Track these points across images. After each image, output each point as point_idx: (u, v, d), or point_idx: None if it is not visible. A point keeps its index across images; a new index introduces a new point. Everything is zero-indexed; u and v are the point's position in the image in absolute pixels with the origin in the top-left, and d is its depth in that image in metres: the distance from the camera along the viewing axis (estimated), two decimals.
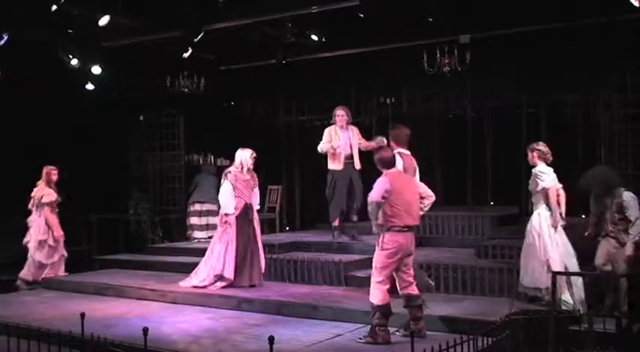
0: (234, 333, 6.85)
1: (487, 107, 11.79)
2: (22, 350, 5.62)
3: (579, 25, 9.80)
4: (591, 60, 10.11)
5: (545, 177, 7.09)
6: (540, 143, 7.34)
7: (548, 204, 7.10)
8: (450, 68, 10.27)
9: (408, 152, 7.83)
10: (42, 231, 9.92)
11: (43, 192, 9.93)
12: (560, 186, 7.17)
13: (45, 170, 10.00)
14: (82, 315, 5.53)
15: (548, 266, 6.86)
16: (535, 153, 7.23)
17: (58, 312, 7.95)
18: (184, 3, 10.31)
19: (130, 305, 8.42)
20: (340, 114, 9.56)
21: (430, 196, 6.66)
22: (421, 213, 6.66)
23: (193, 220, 11.76)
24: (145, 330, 5.00)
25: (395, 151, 7.49)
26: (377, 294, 6.30)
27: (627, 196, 7.09)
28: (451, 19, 10.24)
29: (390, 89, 12.68)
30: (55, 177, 10.03)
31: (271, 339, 4.46)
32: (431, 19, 10.44)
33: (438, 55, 10.29)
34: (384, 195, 6.28)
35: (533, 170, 7.21)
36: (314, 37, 11.13)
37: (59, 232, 9.97)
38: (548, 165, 7.19)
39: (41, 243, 9.93)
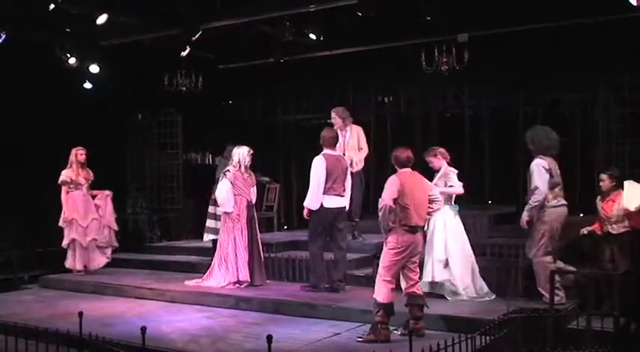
0: (232, 332, 6.86)
1: (485, 106, 11.80)
2: (20, 350, 5.62)
3: (577, 24, 9.81)
4: (589, 59, 10.12)
5: (454, 176, 7.65)
6: (438, 147, 7.88)
7: (449, 203, 7.66)
8: (448, 67, 10.28)
9: (337, 153, 8.35)
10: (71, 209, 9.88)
11: (62, 172, 9.91)
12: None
13: (72, 151, 9.97)
14: (80, 314, 5.52)
15: (447, 263, 7.43)
16: (439, 156, 7.75)
17: (57, 311, 7.95)
18: (182, 2, 10.31)
19: (128, 304, 8.42)
20: (332, 116, 9.41)
21: (439, 201, 6.69)
22: (428, 217, 6.67)
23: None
24: (143, 329, 5.00)
25: (322, 153, 8.12)
26: (382, 292, 6.31)
27: (534, 163, 6.99)
28: (449, 18, 10.24)
29: (387, 88, 12.68)
30: (81, 157, 9.95)
31: (269, 338, 4.47)
32: (429, 18, 10.44)
33: (436, 54, 10.30)
34: (396, 196, 6.27)
35: (445, 170, 7.72)
36: (312, 36, 11.13)
37: (68, 214, 9.85)
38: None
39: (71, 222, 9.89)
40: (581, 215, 9.28)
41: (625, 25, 9.15)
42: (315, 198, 8.09)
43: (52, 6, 9.06)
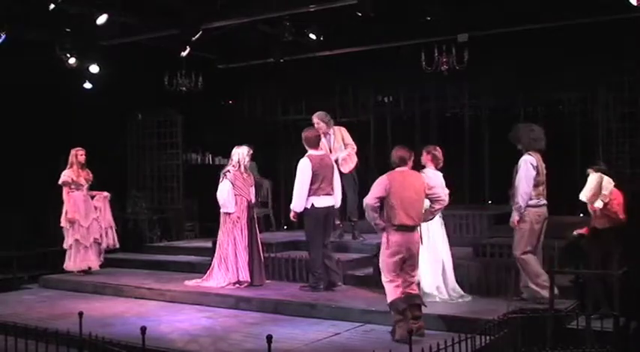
0: (232, 332, 6.85)
1: (485, 106, 11.82)
2: (20, 349, 5.62)
3: (577, 24, 9.82)
4: (589, 59, 10.13)
5: (426, 179, 7.34)
6: (437, 148, 7.66)
7: None
8: (448, 67, 10.28)
9: (321, 152, 8.32)
10: (73, 210, 9.82)
11: (63, 173, 9.86)
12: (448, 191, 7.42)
13: (72, 151, 9.93)
14: (80, 314, 5.52)
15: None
16: (430, 156, 7.58)
17: (56, 311, 7.95)
18: (183, 1, 10.31)
19: (128, 304, 8.41)
20: (315, 121, 9.18)
21: (441, 200, 6.63)
22: (431, 216, 6.67)
23: None
24: (143, 329, 4.99)
25: (307, 154, 8.12)
26: (388, 292, 6.33)
27: (522, 159, 7.02)
28: (449, 18, 10.25)
29: (387, 88, 12.68)
30: (81, 158, 9.90)
31: (269, 338, 4.47)
32: (429, 18, 10.45)
33: (436, 54, 10.31)
34: (382, 195, 6.26)
35: (424, 171, 7.48)
36: (312, 36, 11.13)
37: (71, 215, 9.78)
38: (437, 169, 7.58)
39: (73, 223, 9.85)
40: (581, 215, 9.27)
41: (625, 25, 9.15)
42: (300, 201, 8.11)
43: (52, 6, 9.06)
